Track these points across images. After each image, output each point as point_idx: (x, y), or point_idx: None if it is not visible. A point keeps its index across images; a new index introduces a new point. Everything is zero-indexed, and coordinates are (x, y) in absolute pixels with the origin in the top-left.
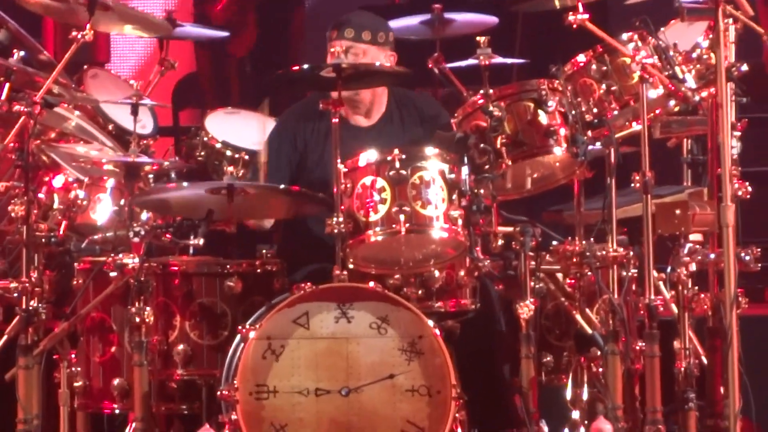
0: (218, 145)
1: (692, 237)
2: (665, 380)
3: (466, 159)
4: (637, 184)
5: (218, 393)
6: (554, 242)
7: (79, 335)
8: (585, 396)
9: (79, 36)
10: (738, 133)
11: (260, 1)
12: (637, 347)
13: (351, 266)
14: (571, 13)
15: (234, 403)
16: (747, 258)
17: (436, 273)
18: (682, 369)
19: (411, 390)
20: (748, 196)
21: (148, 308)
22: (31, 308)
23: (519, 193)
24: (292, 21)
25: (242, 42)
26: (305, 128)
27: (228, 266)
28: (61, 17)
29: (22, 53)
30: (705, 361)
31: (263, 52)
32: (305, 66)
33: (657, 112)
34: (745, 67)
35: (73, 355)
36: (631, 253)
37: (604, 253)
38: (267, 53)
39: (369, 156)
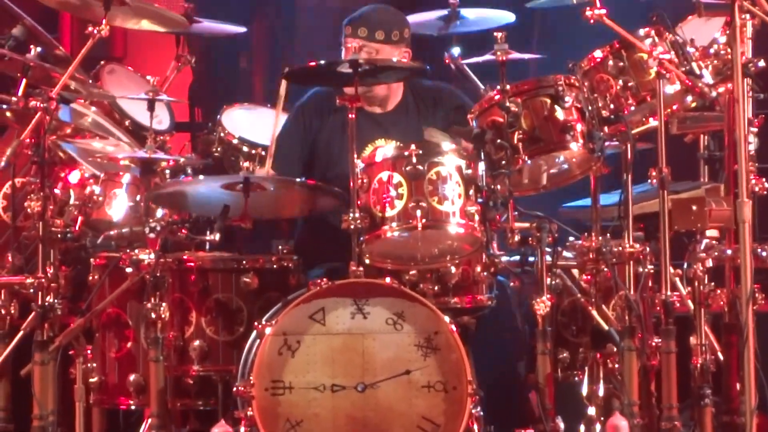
0: (235, 141)
1: (708, 233)
2: (681, 376)
3: (482, 154)
4: (654, 180)
5: (234, 389)
6: (571, 238)
7: (95, 331)
8: (601, 392)
9: (95, 31)
10: (755, 129)
11: None
12: (653, 343)
13: (367, 262)
14: (588, 8)
15: (250, 399)
16: (764, 254)
17: (453, 269)
18: (698, 365)
19: (427, 386)
20: (766, 192)
21: (163, 304)
22: (47, 304)
23: (535, 189)
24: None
25: None
26: (317, 122)
27: (244, 262)
28: (76, 12)
29: (38, 49)
30: (721, 357)
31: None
32: (322, 62)
33: (674, 107)
34: (762, 63)
35: (88, 351)
36: (648, 249)
37: (620, 249)
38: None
39: (386, 151)
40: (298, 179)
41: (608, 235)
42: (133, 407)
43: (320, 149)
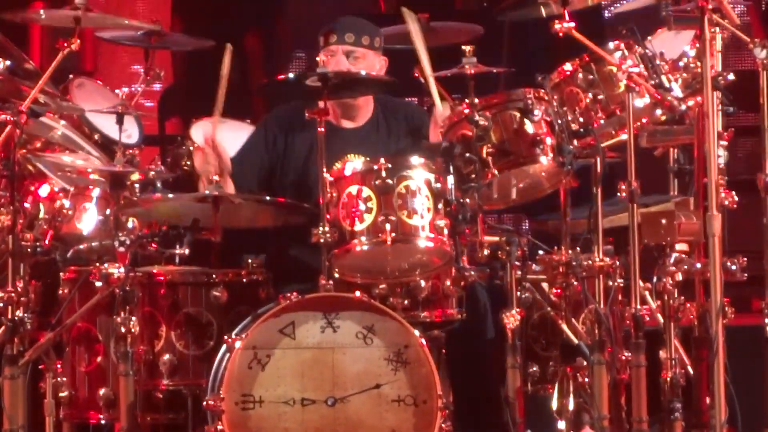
0: None
1: (678, 246)
2: (651, 390)
3: (451, 168)
4: (623, 194)
5: (204, 403)
6: (540, 252)
7: (65, 345)
8: (571, 406)
9: (65, 45)
10: (725, 143)
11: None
12: (623, 357)
13: (336, 276)
14: (557, 21)
15: (220, 413)
16: (733, 267)
17: (422, 282)
18: (668, 379)
19: (397, 400)
20: (735, 206)
21: (133, 318)
22: (16, 318)
23: (505, 203)
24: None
25: None
26: (283, 137)
27: (214, 276)
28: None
29: (7, 62)
30: (691, 371)
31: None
32: (290, 75)
33: (643, 121)
34: (731, 76)
35: (58, 365)
36: (617, 262)
37: (590, 262)
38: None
39: (355, 165)
40: (267, 197)
41: (578, 248)
42: (103, 421)
43: (289, 164)
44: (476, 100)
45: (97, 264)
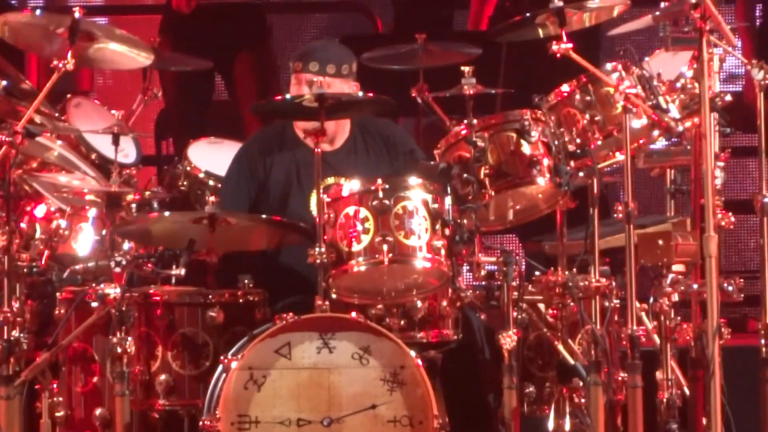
0: (201, 175)
1: (674, 267)
2: (648, 411)
3: (449, 189)
4: (620, 215)
5: (200, 423)
6: (537, 273)
7: (61, 365)
8: (567, 427)
9: (61, 65)
10: (721, 164)
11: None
12: (620, 378)
13: (333, 296)
14: (554, 42)
15: None
16: (730, 288)
17: (419, 303)
18: (665, 400)
19: (393, 420)
20: (731, 227)
21: (129, 338)
22: (12, 338)
23: (502, 224)
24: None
25: None
26: (262, 163)
27: (210, 296)
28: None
29: (4, 82)
30: (687, 391)
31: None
32: (288, 96)
33: (641, 142)
34: (729, 98)
35: (54, 385)
36: (614, 283)
37: (586, 283)
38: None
39: (352, 186)
40: (264, 215)
41: (574, 269)
42: None
43: (270, 189)
44: (474, 121)
45: (94, 284)
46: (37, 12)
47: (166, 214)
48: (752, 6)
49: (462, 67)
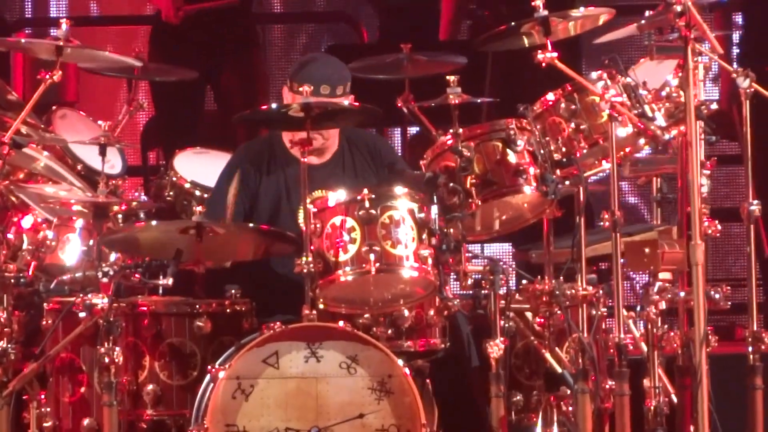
0: (187, 185)
1: (661, 275)
2: (635, 419)
3: (435, 198)
4: (606, 223)
5: None
6: (524, 281)
7: (49, 375)
8: None
9: (47, 76)
10: (707, 172)
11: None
12: (607, 386)
13: (321, 306)
14: (540, 51)
15: None
16: (717, 296)
17: (406, 312)
18: (652, 408)
19: (381, 429)
20: (718, 234)
21: (117, 348)
22: (0, 349)
23: (488, 234)
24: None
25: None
26: (258, 169)
27: (197, 306)
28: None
29: None
30: (675, 399)
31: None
32: (273, 105)
33: (626, 150)
34: (714, 106)
35: (42, 396)
36: (601, 291)
37: (573, 291)
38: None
39: (338, 196)
40: (251, 224)
41: (561, 278)
42: None
43: (260, 202)
44: (460, 131)
45: (81, 295)
46: (22, 41)
47: (153, 223)
48: (729, 16)
49: (447, 77)
